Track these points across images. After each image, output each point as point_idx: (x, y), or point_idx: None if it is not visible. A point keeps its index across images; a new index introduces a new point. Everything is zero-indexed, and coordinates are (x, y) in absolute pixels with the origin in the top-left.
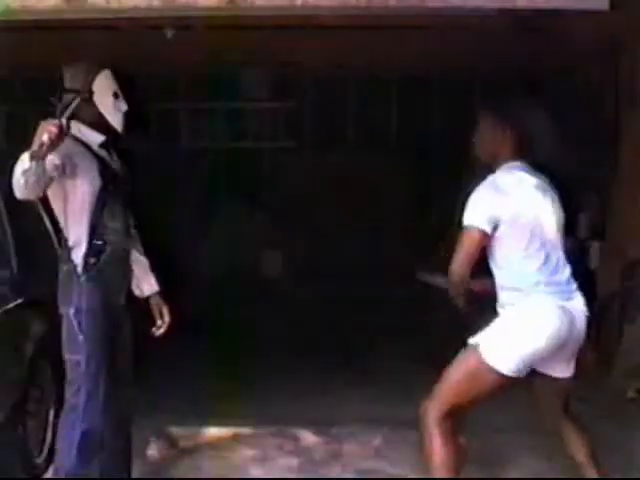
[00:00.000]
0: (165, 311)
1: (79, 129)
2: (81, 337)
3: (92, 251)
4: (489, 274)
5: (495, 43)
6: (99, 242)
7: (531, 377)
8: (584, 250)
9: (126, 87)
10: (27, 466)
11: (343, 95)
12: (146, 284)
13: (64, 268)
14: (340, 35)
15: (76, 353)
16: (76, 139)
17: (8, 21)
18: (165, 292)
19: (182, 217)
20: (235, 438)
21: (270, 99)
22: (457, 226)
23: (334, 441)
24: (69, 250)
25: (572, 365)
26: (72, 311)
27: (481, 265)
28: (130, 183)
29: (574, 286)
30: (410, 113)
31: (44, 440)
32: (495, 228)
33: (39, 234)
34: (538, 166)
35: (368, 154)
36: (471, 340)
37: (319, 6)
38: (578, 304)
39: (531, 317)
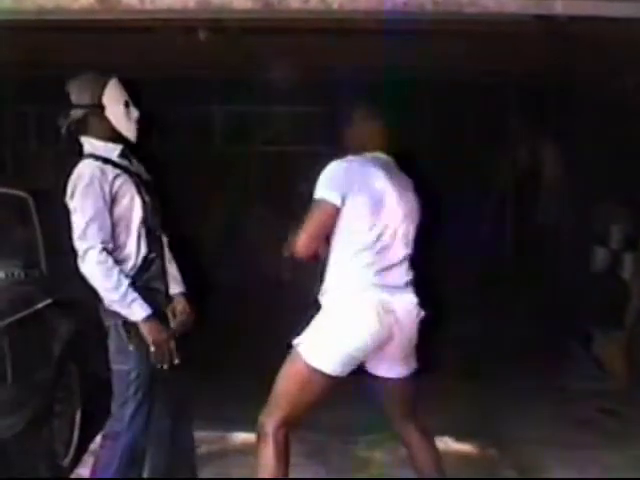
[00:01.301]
0: (183, 309)
1: (92, 144)
2: (131, 347)
3: (141, 263)
4: None
5: (530, 49)
6: (147, 253)
7: (359, 376)
8: (617, 261)
9: (134, 91)
10: (52, 468)
11: (376, 99)
12: (173, 282)
13: None
14: (375, 39)
15: (125, 364)
16: (92, 156)
17: (41, 21)
18: (194, 295)
19: (215, 219)
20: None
21: (303, 103)
22: None
23: (362, 449)
24: (117, 262)
25: (405, 366)
26: (121, 322)
27: None
28: (156, 189)
29: (406, 285)
30: (444, 117)
31: (70, 442)
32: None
33: (69, 235)
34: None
35: (402, 158)
36: (294, 341)
37: (356, 10)
38: (406, 304)
39: (349, 316)
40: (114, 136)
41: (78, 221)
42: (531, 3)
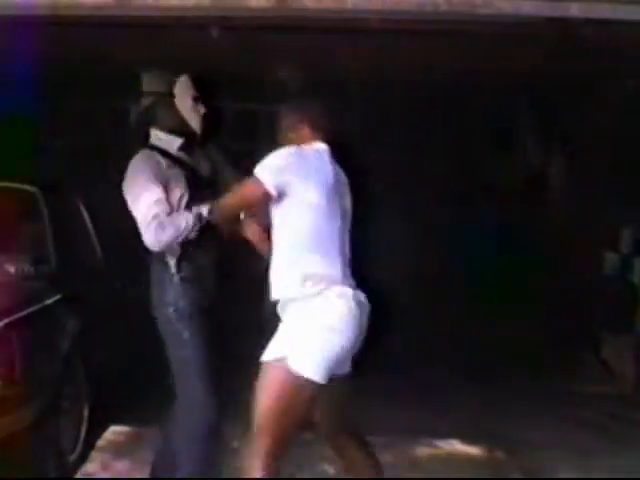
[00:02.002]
0: None
1: (156, 136)
2: (187, 333)
3: (187, 252)
4: None
5: (544, 51)
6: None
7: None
8: (627, 265)
9: (205, 90)
10: (59, 464)
11: (389, 99)
12: None
13: (157, 268)
14: (388, 39)
15: (184, 349)
16: (152, 147)
17: (56, 16)
18: None
19: None
20: None
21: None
22: None
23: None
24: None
25: (349, 362)
26: (171, 310)
27: None
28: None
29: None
30: (456, 118)
31: (77, 438)
32: (284, 194)
33: (79, 231)
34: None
35: (413, 157)
36: (268, 357)
37: (370, 9)
38: (364, 298)
39: (333, 316)
40: (180, 127)
41: (138, 208)
42: (546, 5)
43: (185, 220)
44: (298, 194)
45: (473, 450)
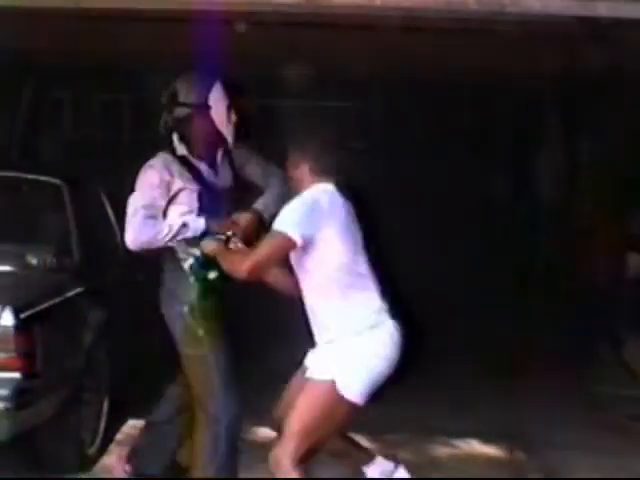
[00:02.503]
0: None
1: (180, 143)
2: (201, 331)
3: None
4: None
5: (573, 50)
6: None
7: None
8: None
9: (237, 95)
10: (78, 455)
11: (413, 97)
12: None
13: (171, 266)
14: (415, 36)
15: (199, 348)
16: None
17: (68, 9)
18: None
19: None
20: None
21: (339, 99)
22: None
23: (389, 448)
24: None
25: None
26: (186, 308)
27: None
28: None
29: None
30: (480, 116)
31: (97, 430)
32: (310, 243)
33: (101, 224)
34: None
35: (436, 156)
36: (317, 376)
37: (399, 6)
38: (398, 326)
39: (376, 345)
40: (214, 138)
41: (128, 205)
42: (574, 4)
43: (169, 227)
44: (324, 239)
45: (492, 450)
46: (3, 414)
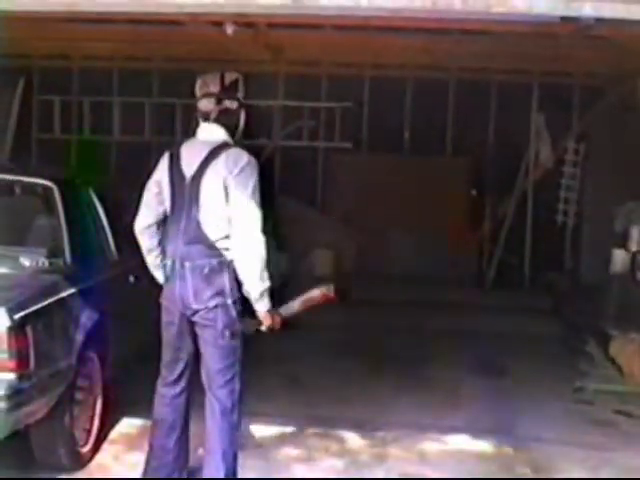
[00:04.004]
0: None
1: (208, 128)
2: (238, 324)
3: None
4: None
5: (557, 50)
6: None
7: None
8: (636, 263)
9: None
10: (72, 454)
11: (401, 97)
12: None
13: (214, 262)
14: (403, 36)
15: (234, 340)
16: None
17: (73, 12)
18: None
19: None
20: (280, 437)
21: (328, 99)
22: None
23: (379, 445)
24: (222, 250)
25: None
26: (230, 301)
27: None
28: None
29: None
30: (467, 116)
31: (90, 429)
32: None
33: (93, 225)
34: None
35: (423, 156)
36: None
37: (385, 7)
38: None
39: None
40: (235, 125)
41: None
42: (560, 4)
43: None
44: None
45: (482, 445)
46: None
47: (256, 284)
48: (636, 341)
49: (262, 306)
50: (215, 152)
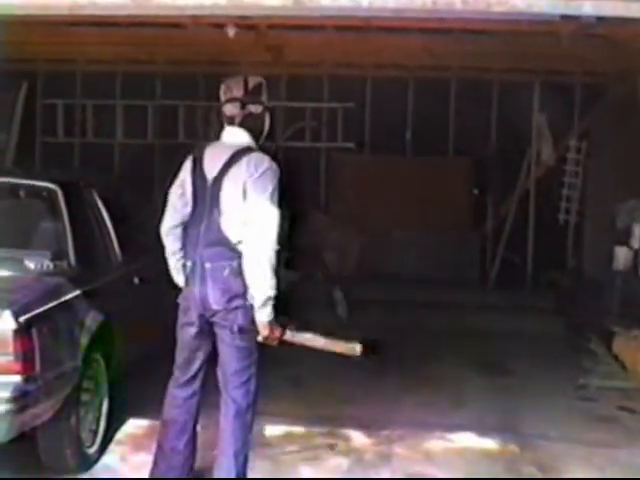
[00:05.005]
0: None
1: (232, 132)
2: (252, 326)
3: None
4: None
5: (558, 48)
6: None
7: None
8: (637, 259)
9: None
10: (79, 455)
11: (403, 97)
12: None
13: (234, 264)
14: (404, 36)
15: (250, 342)
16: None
17: (75, 15)
18: None
19: None
20: (286, 437)
21: (330, 100)
22: None
23: (384, 443)
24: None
25: None
26: (249, 303)
27: None
28: None
29: None
30: (469, 115)
31: (97, 431)
32: None
33: (98, 227)
34: None
35: (425, 156)
36: None
37: (385, 7)
38: None
39: None
40: (260, 134)
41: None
42: (560, 3)
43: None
44: None
45: (487, 444)
46: (3, 416)
47: (262, 290)
48: (639, 338)
49: (264, 315)
50: (237, 155)
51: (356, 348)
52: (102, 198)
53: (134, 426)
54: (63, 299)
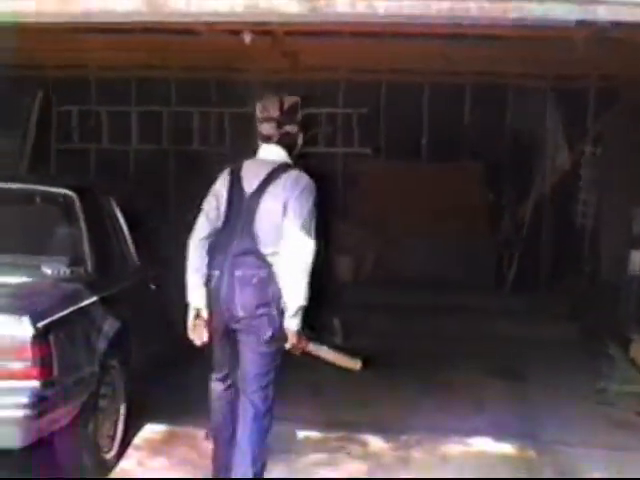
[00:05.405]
0: None
1: (269, 149)
2: (280, 334)
3: None
4: None
5: (573, 53)
6: None
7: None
8: None
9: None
10: (97, 461)
11: (418, 102)
12: None
13: (262, 273)
14: (419, 42)
15: (276, 348)
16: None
17: (89, 23)
18: None
19: None
20: (304, 441)
21: (345, 106)
22: None
23: (402, 448)
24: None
25: None
26: (275, 312)
27: None
28: None
29: None
30: (484, 120)
31: (114, 436)
32: None
33: (114, 233)
34: None
35: (440, 161)
36: None
37: (401, 14)
38: None
39: None
40: (293, 149)
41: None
42: (575, 8)
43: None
44: None
45: (505, 448)
46: (21, 422)
47: (296, 299)
48: None
49: (294, 324)
50: (276, 172)
51: (358, 364)
52: (118, 204)
53: (151, 431)
54: (80, 305)
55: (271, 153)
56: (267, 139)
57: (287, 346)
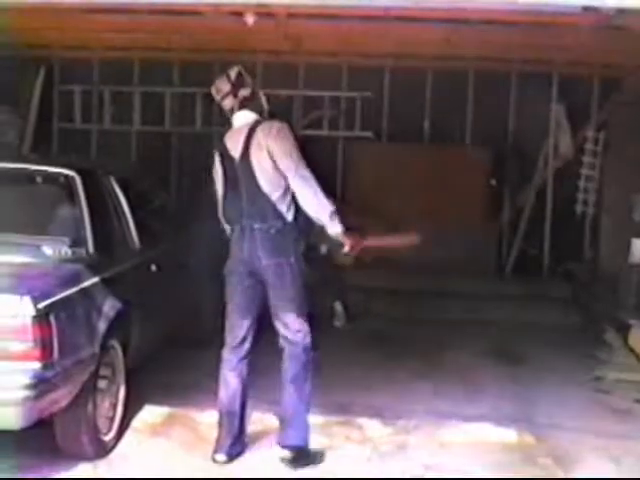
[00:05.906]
0: None
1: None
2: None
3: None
4: None
5: (578, 40)
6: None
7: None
8: None
9: None
10: (95, 442)
11: (421, 86)
12: None
13: (279, 224)
14: (423, 26)
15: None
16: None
17: (92, 3)
18: None
19: None
20: None
21: (349, 89)
22: None
23: (400, 433)
24: (283, 213)
25: None
26: (293, 259)
27: None
28: None
29: None
30: (487, 105)
31: (113, 418)
32: None
33: (115, 214)
34: None
35: (442, 146)
36: None
37: None
38: None
39: None
40: (262, 112)
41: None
42: None
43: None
44: None
45: (503, 434)
46: (21, 402)
47: (324, 210)
48: None
49: (337, 227)
50: (251, 130)
51: (415, 238)
52: (119, 185)
53: (151, 413)
54: (81, 286)
55: (241, 118)
56: (232, 111)
57: (346, 250)
